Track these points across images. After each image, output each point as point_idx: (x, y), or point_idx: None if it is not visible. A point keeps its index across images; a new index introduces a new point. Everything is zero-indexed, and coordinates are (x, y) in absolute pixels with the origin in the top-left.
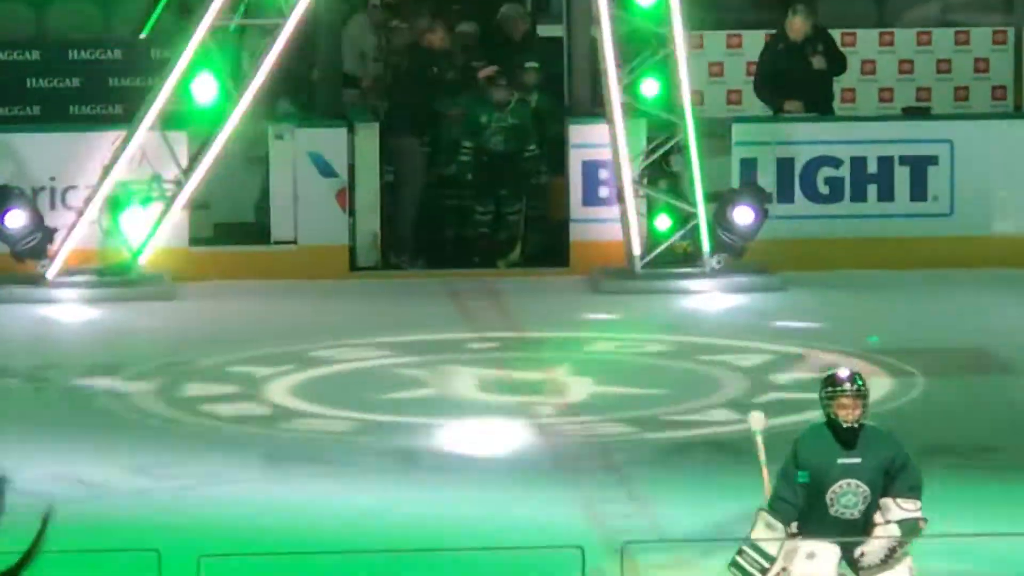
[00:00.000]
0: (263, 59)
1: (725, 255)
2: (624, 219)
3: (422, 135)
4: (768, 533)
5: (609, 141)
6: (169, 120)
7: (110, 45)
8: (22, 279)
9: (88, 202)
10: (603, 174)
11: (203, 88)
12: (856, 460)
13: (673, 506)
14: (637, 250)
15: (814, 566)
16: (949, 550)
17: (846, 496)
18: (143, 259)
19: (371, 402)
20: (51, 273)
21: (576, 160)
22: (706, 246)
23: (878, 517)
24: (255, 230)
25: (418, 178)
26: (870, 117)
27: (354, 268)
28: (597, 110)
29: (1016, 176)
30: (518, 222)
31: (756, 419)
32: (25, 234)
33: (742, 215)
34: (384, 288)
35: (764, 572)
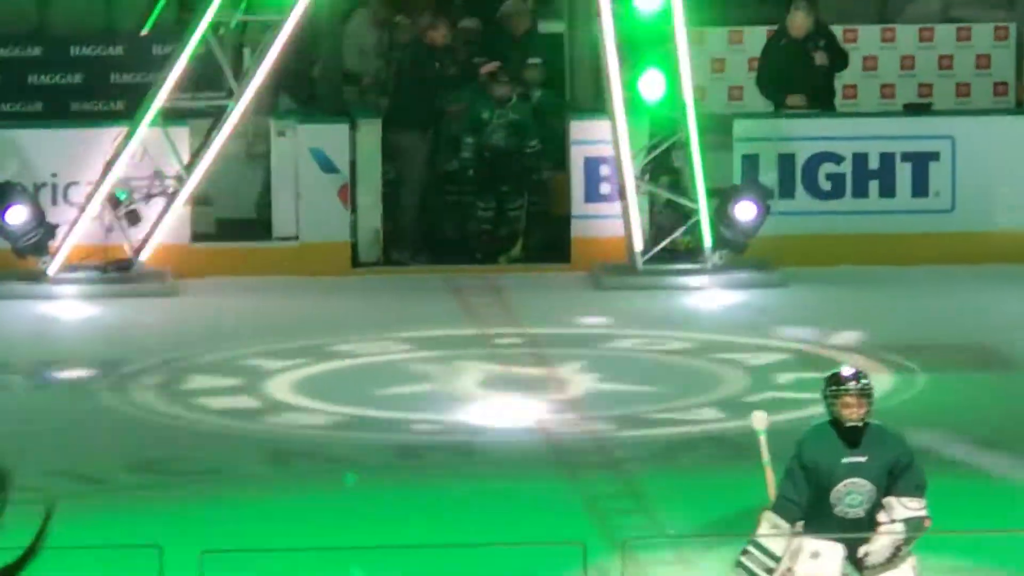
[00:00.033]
0: (265, 55)
1: (726, 251)
2: (625, 215)
3: (424, 131)
4: (774, 533)
5: (611, 137)
6: (171, 116)
7: (112, 41)
8: (24, 275)
9: (90, 198)
10: (605, 170)
11: None
12: (861, 459)
13: (674, 502)
14: (638, 246)
15: (819, 565)
16: (950, 547)
17: (851, 495)
18: (145, 255)
19: (373, 397)
20: (53, 269)
21: (578, 156)
22: (708, 242)
23: (882, 516)
24: (257, 226)
25: (420, 174)
26: (872, 113)
27: (356, 264)
28: (599, 106)
29: (1018, 172)
30: (520, 218)
31: (759, 419)
32: (27, 230)
33: (743, 211)
34: (386, 284)
35: (770, 572)
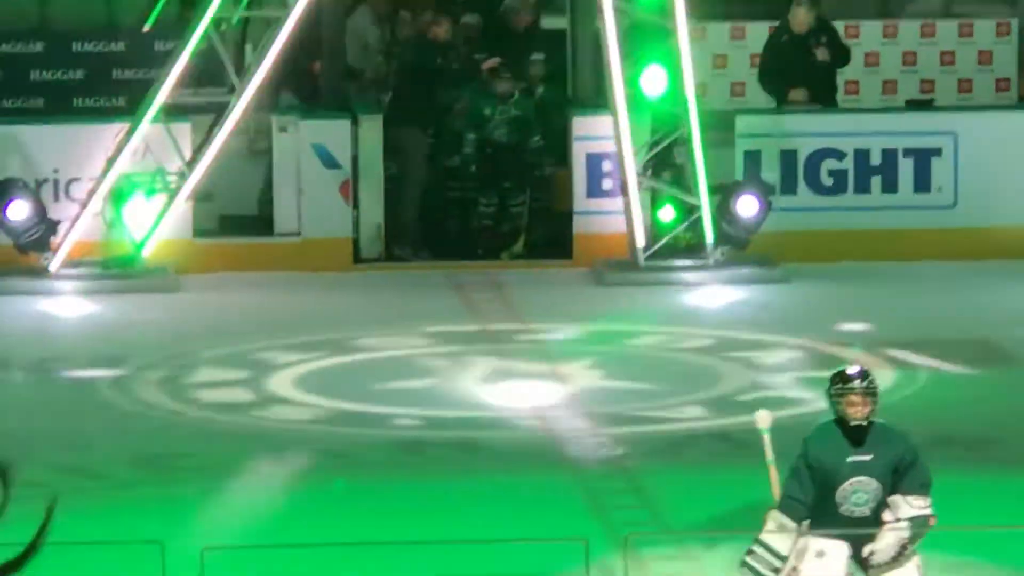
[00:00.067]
0: (266, 51)
1: (728, 247)
2: (628, 211)
3: (426, 127)
4: (780, 532)
5: (612, 133)
6: (173, 112)
7: (114, 37)
8: (25, 271)
9: (92, 194)
10: (607, 166)
11: None
12: (867, 457)
13: (676, 498)
14: (641, 242)
15: (824, 565)
16: (952, 542)
17: (857, 494)
18: (147, 251)
19: (375, 393)
20: (54, 265)
21: (580, 152)
22: (709, 238)
23: (887, 515)
24: (259, 222)
25: (421, 170)
26: (874, 109)
27: (358, 260)
28: (601, 102)
29: (1020, 167)
30: (522, 214)
31: (763, 417)
32: (28, 226)
33: (745, 207)
34: (388, 280)
35: (776, 572)
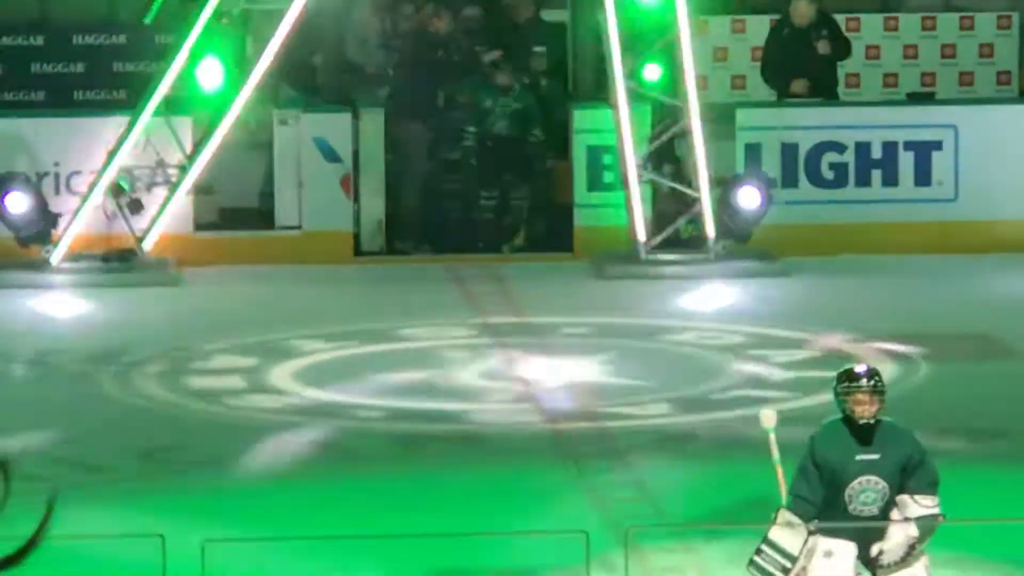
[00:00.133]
0: (268, 44)
1: (729, 240)
2: (628, 204)
3: (426, 120)
4: (789, 532)
5: (613, 126)
6: (174, 105)
7: (115, 30)
8: (26, 264)
9: (92, 187)
10: (607, 159)
11: (208, 73)
12: (875, 456)
13: (677, 491)
14: (641, 235)
15: (832, 565)
16: (953, 536)
17: (865, 493)
18: (148, 244)
19: (376, 387)
20: (55, 259)
21: (581, 145)
22: (710, 232)
23: (895, 514)
24: (260, 215)
25: (422, 163)
26: (874, 102)
27: (359, 253)
28: (601, 95)
29: (1021, 161)
30: (522, 207)
31: (768, 417)
32: (29, 219)
33: (746, 200)
34: (389, 273)
35: (786, 572)
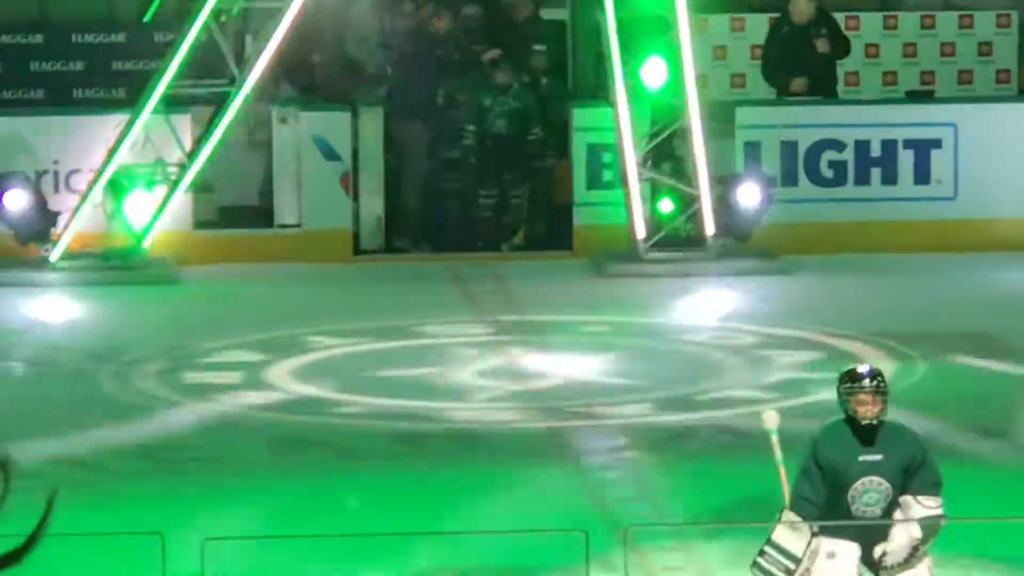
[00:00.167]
0: (267, 42)
1: (729, 239)
2: (628, 203)
3: (425, 119)
4: (793, 533)
5: (613, 125)
6: (173, 103)
7: (114, 29)
8: (26, 263)
9: (92, 186)
10: (607, 158)
11: None
12: (878, 457)
13: (676, 490)
14: (641, 234)
15: (835, 566)
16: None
17: (868, 494)
18: (147, 243)
19: (375, 385)
20: (54, 256)
21: (580, 144)
22: (710, 230)
23: (897, 515)
24: (259, 214)
25: (421, 162)
26: (874, 101)
27: (358, 252)
28: (601, 94)
29: (1020, 159)
30: (522, 205)
31: (770, 418)
32: (28, 218)
33: (746, 199)
34: (388, 272)
35: (790, 573)
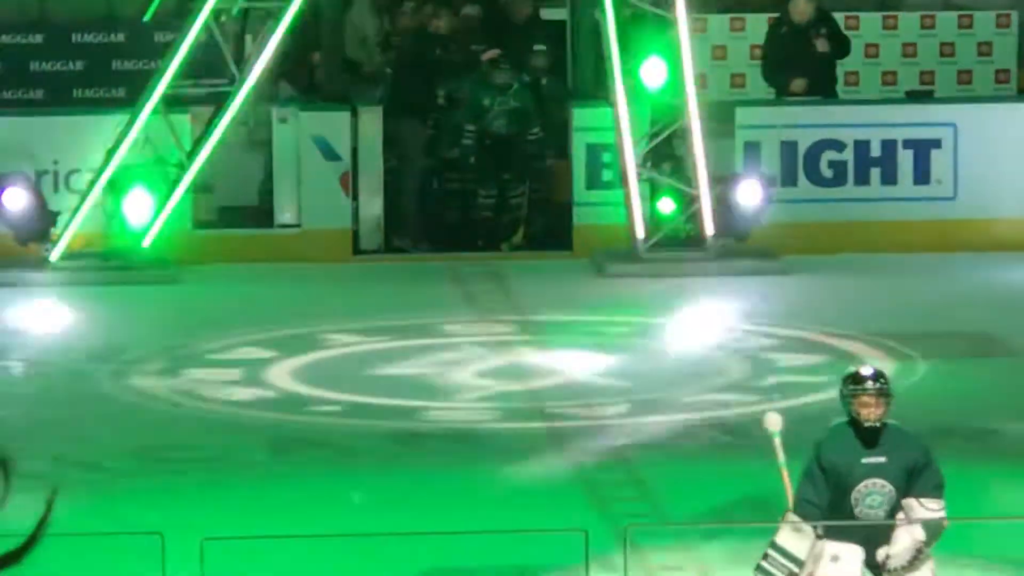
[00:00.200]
0: (266, 42)
1: (728, 239)
2: (627, 202)
3: (425, 119)
4: (796, 536)
5: (612, 124)
6: (173, 103)
7: (114, 28)
8: (25, 263)
9: (92, 185)
10: (606, 157)
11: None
12: (881, 459)
13: (676, 490)
14: (640, 233)
15: (838, 569)
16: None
17: (871, 496)
18: (147, 243)
19: (374, 385)
20: (54, 256)
21: (580, 143)
22: (709, 230)
23: (900, 517)
24: (258, 213)
25: (420, 161)
26: (874, 100)
27: (358, 251)
28: (601, 94)
29: (1020, 159)
30: (521, 205)
31: (773, 420)
32: (28, 218)
33: (745, 199)
34: (388, 271)
35: None
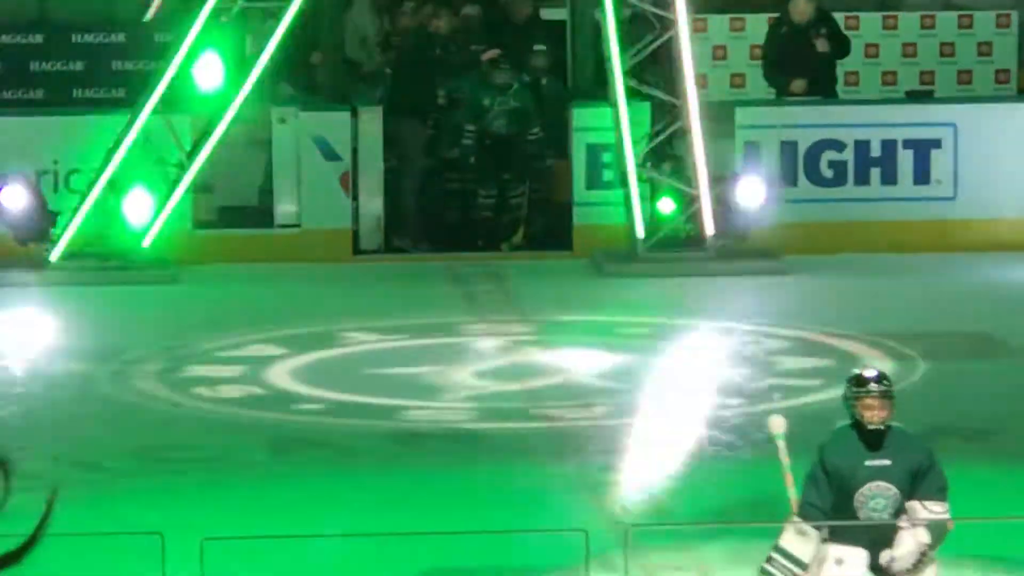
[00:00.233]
0: (267, 42)
1: (728, 239)
2: (627, 202)
3: (424, 119)
4: (800, 540)
5: (613, 125)
6: (173, 103)
7: (114, 29)
8: (25, 263)
9: (92, 185)
10: (607, 158)
11: (207, 72)
12: (885, 462)
13: (676, 490)
14: (640, 233)
15: (843, 572)
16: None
17: (875, 499)
18: (147, 243)
19: (373, 384)
20: (54, 256)
21: (580, 143)
22: (709, 230)
23: (904, 520)
24: (259, 213)
25: (420, 161)
26: (874, 100)
27: (358, 251)
28: (601, 94)
29: (1020, 159)
30: (521, 205)
31: (776, 423)
32: (28, 218)
33: (745, 199)
34: (388, 271)
35: None
